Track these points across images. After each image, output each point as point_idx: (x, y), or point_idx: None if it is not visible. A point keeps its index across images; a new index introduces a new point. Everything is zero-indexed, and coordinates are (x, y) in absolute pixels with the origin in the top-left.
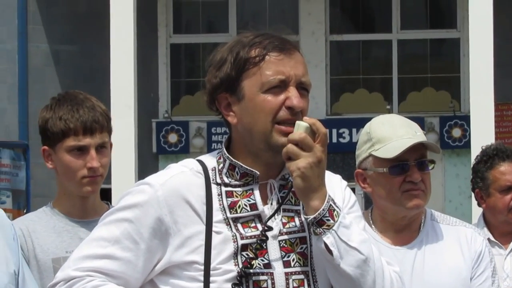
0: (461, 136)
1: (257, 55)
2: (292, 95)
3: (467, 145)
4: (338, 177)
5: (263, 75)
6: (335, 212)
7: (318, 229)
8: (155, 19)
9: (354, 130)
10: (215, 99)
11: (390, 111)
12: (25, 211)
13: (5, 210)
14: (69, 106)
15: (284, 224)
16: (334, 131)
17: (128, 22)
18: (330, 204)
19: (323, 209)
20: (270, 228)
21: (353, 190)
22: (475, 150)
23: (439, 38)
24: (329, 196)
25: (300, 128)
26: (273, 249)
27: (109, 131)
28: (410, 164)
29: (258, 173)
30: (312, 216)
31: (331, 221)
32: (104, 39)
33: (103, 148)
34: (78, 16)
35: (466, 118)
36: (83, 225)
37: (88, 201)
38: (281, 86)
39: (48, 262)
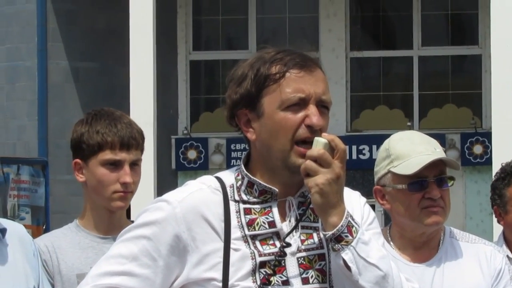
0: (482, 153)
1: (278, 72)
2: (312, 113)
3: (488, 161)
4: (357, 193)
5: (283, 92)
6: (354, 228)
7: (336, 245)
8: (175, 36)
9: (374, 147)
10: (235, 115)
11: (411, 128)
12: (44, 227)
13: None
14: (106, 120)
15: (302, 241)
16: (354, 147)
17: (148, 39)
18: (349, 220)
19: (342, 225)
20: (288, 245)
21: (373, 206)
22: (496, 167)
23: (460, 55)
24: (348, 212)
25: (319, 144)
26: (292, 266)
27: (142, 150)
28: (429, 181)
29: (277, 190)
30: (330, 232)
31: (350, 237)
32: (123, 56)
33: (136, 166)
34: (97, 33)
35: (488, 135)
36: (108, 242)
37: (115, 217)
38: (300, 104)
39: (72, 277)
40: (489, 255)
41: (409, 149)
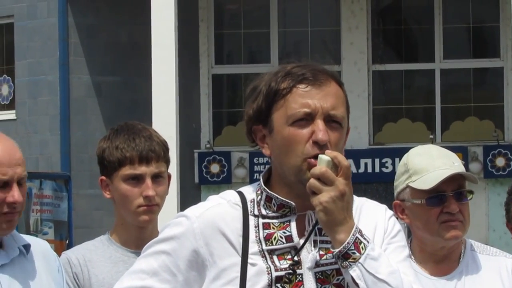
0: (505, 165)
1: (285, 87)
2: (318, 129)
3: (511, 174)
4: (383, 207)
5: (289, 107)
6: (362, 245)
7: (344, 262)
8: (197, 50)
9: (397, 160)
10: (251, 131)
11: (433, 141)
12: (67, 242)
13: (48, 241)
14: (125, 135)
15: (321, 256)
16: (377, 160)
17: (170, 53)
18: (357, 237)
19: (348, 242)
20: (298, 263)
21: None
22: None
23: (482, 67)
24: (356, 228)
25: (322, 162)
26: (309, 281)
27: (166, 161)
28: (447, 195)
29: (294, 204)
30: (337, 250)
31: (357, 254)
32: (145, 70)
33: (159, 178)
34: (119, 47)
35: (510, 147)
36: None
37: (146, 231)
38: (307, 119)
39: None
40: (510, 268)
41: (427, 164)
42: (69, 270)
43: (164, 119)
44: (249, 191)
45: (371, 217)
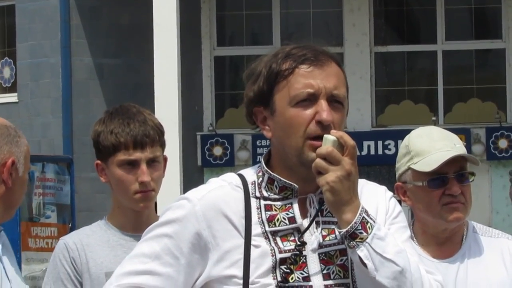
0: (508, 147)
1: (287, 68)
2: (322, 109)
3: None
4: (383, 188)
5: (292, 88)
6: (369, 224)
7: (351, 242)
8: (199, 32)
9: (399, 142)
10: (252, 113)
11: (435, 123)
12: (70, 226)
13: (50, 225)
14: (120, 119)
15: (324, 237)
16: (380, 143)
17: (172, 35)
18: (363, 217)
19: (355, 222)
20: (304, 244)
21: (400, 202)
22: None
23: (484, 49)
24: (363, 208)
25: (328, 142)
26: (313, 262)
27: (161, 145)
28: (449, 177)
29: (297, 186)
30: (344, 230)
31: (364, 234)
32: (147, 52)
33: (155, 162)
34: (121, 30)
35: None
36: (137, 239)
37: (142, 215)
38: (310, 100)
39: (101, 276)
40: None
41: (429, 146)
42: (67, 255)
43: (166, 102)
44: (250, 173)
45: (372, 198)
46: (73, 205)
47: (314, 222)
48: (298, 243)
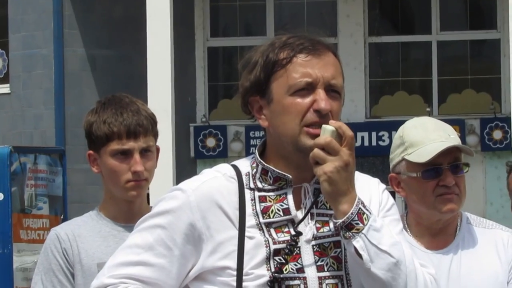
0: (502, 138)
1: (285, 57)
2: (320, 98)
3: (508, 147)
4: (376, 180)
5: (290, 77)
6: (365, 216)
7: (347, 233)
8: (192, 23)
9: (393, 133)
10: (247, 102)
11: (430, 114)
12: (62, 217)
13: (42, 216)
14: (113, 109)
15: (318, 229)
16: (374, 134)
17: (165, 26)
18: (360, 208)
19: (352, 213)
20: (300, 234)
21: (394, 193)
22: None
23: (479, 39)
24: (359, 199)
25: (326, 132)
26: (307, 254)
27: (154, 135)
28: (443, 168)
29: (291, 177)
30: (341, 220)
31: (361, 225)
32: (140, 43)
33: (148, 152)
34: (114, 21)
35: (507, 120)
36: (129, 230)
37: (134, 205)
38: (308, 89)
39: (93, 266)
40: (506, 241)
41: (423, 137)
42: (58, 246)
43: (160, 93)
44: (244, 165)
45: (365, 190)
46: (65, 197)
47: (309, 214)
48: (294, 233)
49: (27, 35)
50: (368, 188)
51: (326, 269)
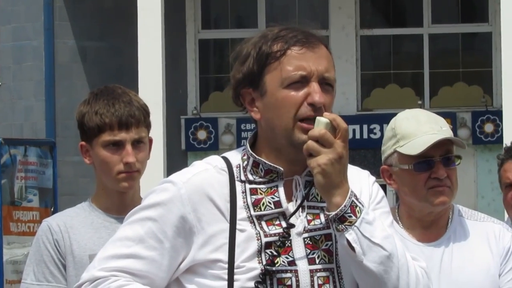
0: (494, 131)
1: (279, 50)
2: (314, 91)
3: (500, 140)
4: (366, 172)
5: (284, 70)
6: (358, 208)
7: (340, 225)
8: (183, 15)
9: (385, 126)
10: (239, 94)
11: (421, 106)
12: (52, 210)
13: (32, 209)
14: (105, 100)
15: (309, 221)
16: (365, 126)
17: (156, 18)
18: (352, 200)
19: (345, 205)
20: (292, 226)
21: (384, 186)
22: None
23: (470, 32)
24: (352, 192)
25: (320, 124)
26: (298, 247)
27: (147, 126)
28: (435, 160)
29: (282, 169)
30: (333, 213)
31: (353, 218)
32: (131, 35)
33: (140, 143)
34: (105, 12)
35: (499, 113)
36: (121, 221)
37: (127, 196)
38: (302, 82)
39: (84, 258)
40: (498, 234)
41: (415, 129)
42: (50, 237)
43: (150, 85)
44: (234, 157)
45: (355, 182)
46: (55, 189)
47: (297, 206)
48: (286, 225)
49: (17, 26)
50: (358, 181)
51: (317, 262)
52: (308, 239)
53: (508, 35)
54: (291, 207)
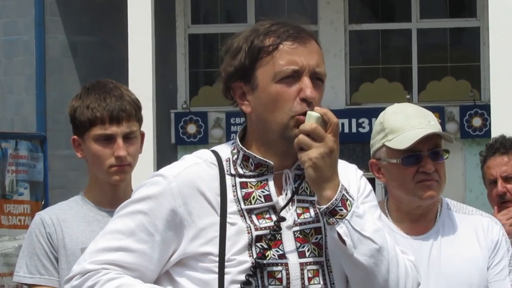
0: (482, 125)
1: (271, 44)
2: (306, 86)
3: (488, 134)
4: (353, 166)
5: (276, 64)
6: (348, 202)
7: (331, 219)
8: (173, 9)
9: (373, 120)
10: (230, 88)
11: (410, 101)
12: (43, 203)
13: (23, 202)
14: (96, 95)
15: (299, 215)
16: (354, 121)
17: (146, 13)
18: (343, 194)
19: (336, 199)
20: (283, 219)
21: (373, 180)
22: None
23: (458, 27)
24: (342, 185)
25: (311, 118)
26: (288, 240)
27: (138, 120)
28: (423, 155)
29: (272, 163)
30: (324, 206)
31: (344, 211)
32: (122, 30)
33: (131, 137)
34: (95, 7)
35: (486, 107)
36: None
37: (119, 190)
38: (294, 76)
39: (76, 251)
40: (486, 227)
41: (403, 123)
42: (43, 230)
43: (141, 79)
44: (224, 150)
45: (343, 176)
46: (46, 183)
47: (288, 199)
48: (277, 219)
49: (8, 21)
50: (346, 174)
51: (307, 255)
52: (298, 232)
53: (496, 30)
54: (281, 200)
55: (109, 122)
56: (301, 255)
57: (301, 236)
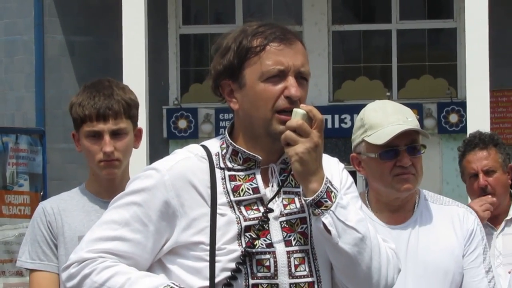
0: (458, 122)
1: (259, 45)
2: (291, 85)
3: (464, 130)
4: (335, 159)
5: (263, 64)
6: (333, 194)
7: (316, 210)
8: (165, 11)
9: (355, 116)
10: (219, 85)
11: (390, 98)
12: (41, 194)
13: (23, 193)
14: (88, 93)
15: (285, 206)
16: (336, 117)
17: (140, 14)
18: (328, 186)
19: (321, 191)
20: (271, 210)
21: (355, 172)
22: None
23: (436, 28)
24: (327, 178)
25: (297, 115)
26: (275, 230)
27: (129, 117)
28: (400, 149)
29: (260, 158)
30: (310, 198)
31: (329, 202)
32: (117, 30)
33: (120, 133)
34: (91, 8)
35: (463, 104)
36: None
37: (115, 182)
38: (280, 76)
39: (74, 239)
40: (462, 217)
41: (382, 119)
42: (44, 218)
43: (134, 77)
44: (213, 145)
45: (326, 169)
46: (45, 174)
47: (275, 192)
48: (264, 210)
49: (9, 22)
50: (329, 167)
51: (293, 244)
52: (285, 222)
53: (472, 31)
54: (268, 193)
55: (96, 120)
56: (288, 244)
57: (287, 226)
